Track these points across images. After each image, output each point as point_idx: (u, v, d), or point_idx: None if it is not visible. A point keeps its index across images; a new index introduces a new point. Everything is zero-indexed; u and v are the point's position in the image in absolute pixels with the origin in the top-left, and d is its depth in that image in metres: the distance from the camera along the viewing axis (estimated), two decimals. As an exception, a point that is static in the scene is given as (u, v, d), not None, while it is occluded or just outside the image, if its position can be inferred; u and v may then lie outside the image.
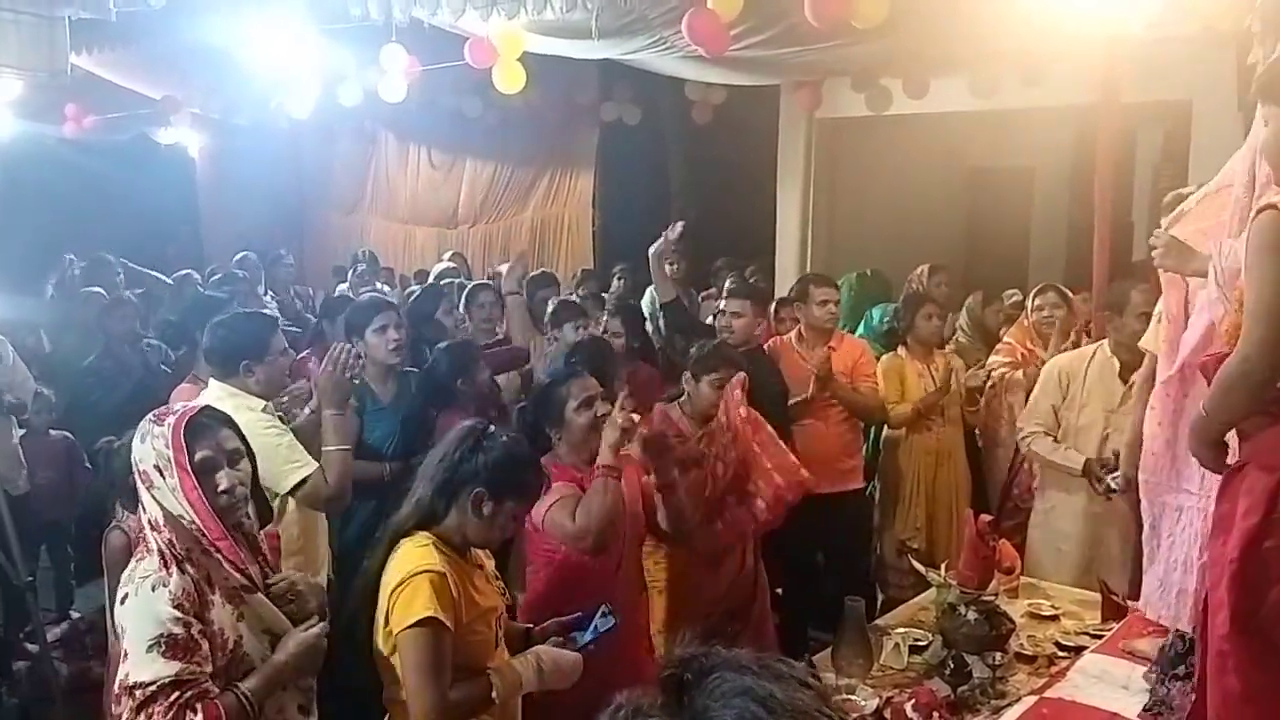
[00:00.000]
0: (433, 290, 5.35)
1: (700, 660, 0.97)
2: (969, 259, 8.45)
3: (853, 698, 2.49)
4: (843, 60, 6.07)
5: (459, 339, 4.72)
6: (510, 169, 10.33)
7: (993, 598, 2.65)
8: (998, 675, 2.60)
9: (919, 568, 2.94)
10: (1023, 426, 4.09)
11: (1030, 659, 2.78)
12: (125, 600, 2.02)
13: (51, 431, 5.12)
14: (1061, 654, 2.82)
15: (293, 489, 3.03)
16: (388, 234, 11.38)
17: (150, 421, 2.09)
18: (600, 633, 2.47)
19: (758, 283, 6.99)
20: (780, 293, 6.43)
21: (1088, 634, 2.95)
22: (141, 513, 2.08)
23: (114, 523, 3.11)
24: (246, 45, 6.80)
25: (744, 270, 7.36)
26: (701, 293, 7.18)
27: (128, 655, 1.96)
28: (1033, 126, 7.40)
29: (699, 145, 8.95)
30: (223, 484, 2.08)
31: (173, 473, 2.01)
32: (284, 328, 5.73)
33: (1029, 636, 2.91)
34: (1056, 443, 3.95)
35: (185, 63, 8.10)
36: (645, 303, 6.75)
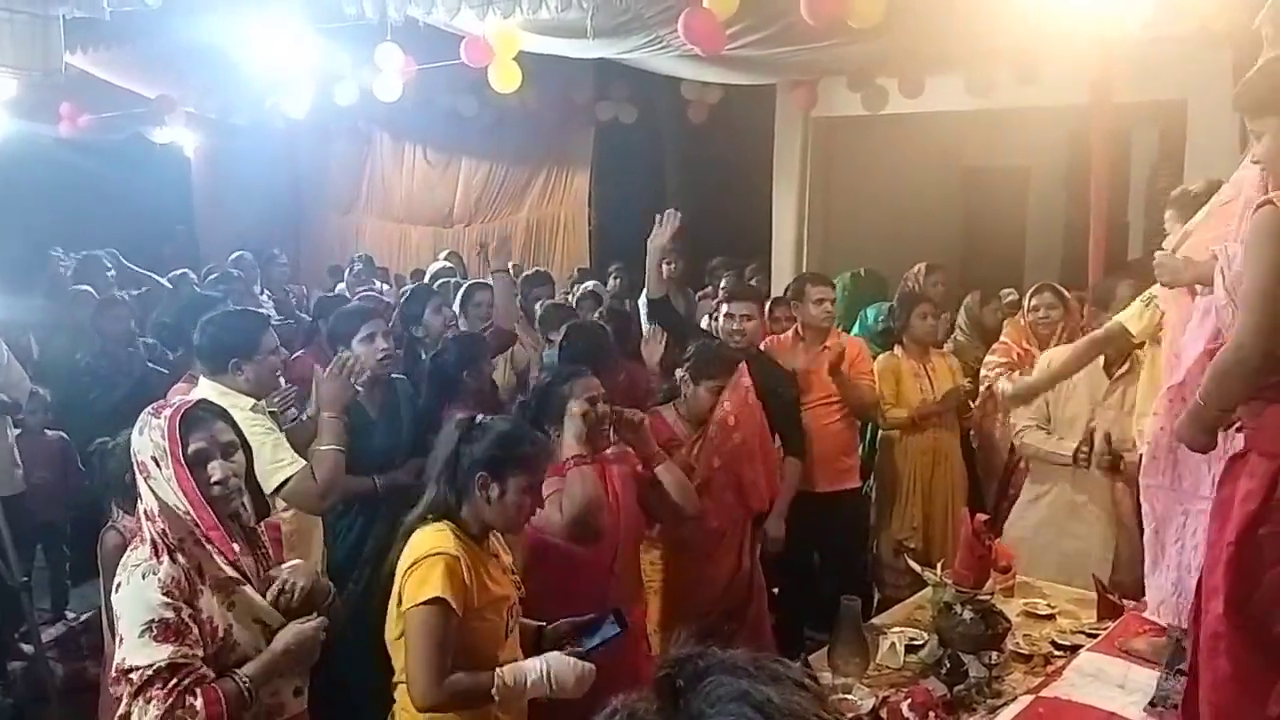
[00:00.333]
0: (421, 290, 5.32)
1: (696, 662, 0.96)
2: (965, 258, 8.45)
3: (849, 697, 2.50)
4: (838, 59, 6.07)
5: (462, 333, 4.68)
6: (506, 168, 10.32)
7: (989, 597, 2.65)
8: (994, 674, 2.61)
9: (915, 567, 2.95)
10: (1015, 421, 4.16)
11: (1026, 658, 2.79)
12: (119, 589, 2.09)
13: (47, 431, 5.11)
14: (1057, 653, 2.82)
15: (277, 488, 3.02)
16: (383, 233, 11.37)
17: (149, 414, 2.17)
18: (607, 639, 2.47)
19: (759, 283, 7.01)
20: (775, 292, 6.42)
21: (1084, 633, 2.96)
22: (139, 502, 2.15)
23: (109, 523, 3.11)
24: (242, 44, 6.79)
25: (743, 270, 7.35)
26: (698, 292, 7.18)
27: (122, 641, 2.03)
28: (1028, 126, 7.39)
29: (695, 144, 8.94)
30: (216, 475, 2.14)
31: (168, 464, 2.09)
32: (279, 325, 5.75)
33: (1025, 635, 2.91)
34: (1048, 435, 4.03)
35: (180, 62, 8.09)
36: (642, 301, 6.74)
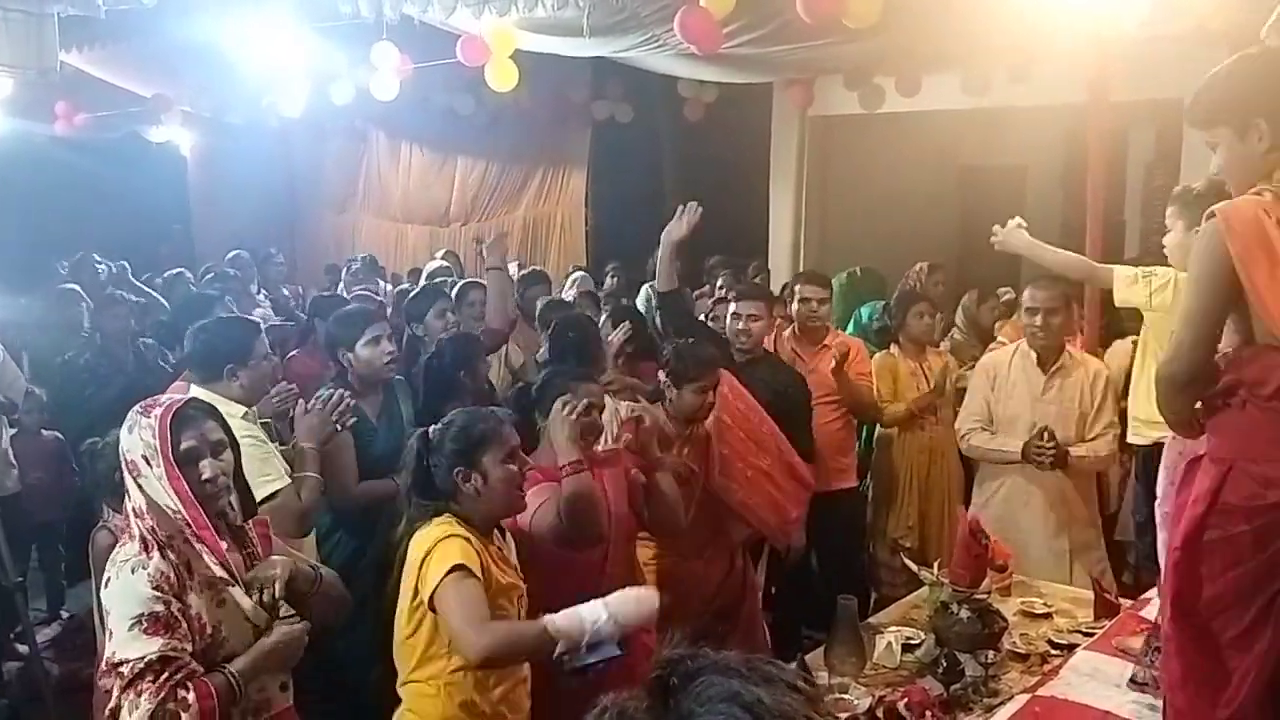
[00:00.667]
0: (430, 290, 5.30)
1: (687, 662, 0.95)
2: (962, 257, 8.44)
3: (845, 697, 2.50)
4: (835, 58, 6.06)
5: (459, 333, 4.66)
6: (502, 167, 10.30)
7: (985, 596, 2.65)
8: (990, 674, 2.61)
9: (912, 566, 2.95)
10: (959, 426, 4.20)
11: (1023, 657, 2.79)
12: (108, 584, 2.10)
13: (43, 431, 5.09)
14: (1054, 652, 2.82)
15: (261, 501, 3.01)
16: (379, 232, 11.34)
17: (138, 413, 2.15)
18: (606, 659, 2.36)
19: (761, 281, 6.99)
20: (772, 291, 6.41)
21: (1080, 632, 2.95)
22: (127, 500, 2.14)
23: (101, 523, 3.10)
24: (238, 43, 6.78)
25: (743, 269, 7.31)
26: (695, 291, 7.16)
27: (112, 635, 2.03)
28: (1025, 125, 7.40)
29: (691, 143, 8.92)
30: (206, 473, 2.14)
31: (159, 462, 2.08)
32: (278, 326, 5.73)
33: (1021, 635, 2.91)
34: (992, 435, 4.08)
35: (176, 60, 8.06)
36: (640, 300, 6.74)
